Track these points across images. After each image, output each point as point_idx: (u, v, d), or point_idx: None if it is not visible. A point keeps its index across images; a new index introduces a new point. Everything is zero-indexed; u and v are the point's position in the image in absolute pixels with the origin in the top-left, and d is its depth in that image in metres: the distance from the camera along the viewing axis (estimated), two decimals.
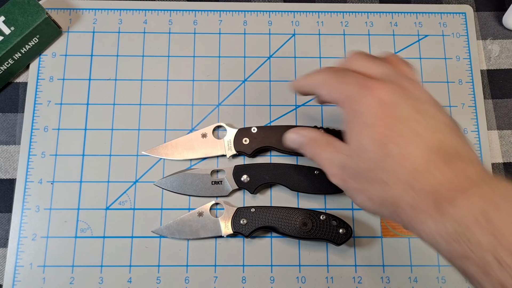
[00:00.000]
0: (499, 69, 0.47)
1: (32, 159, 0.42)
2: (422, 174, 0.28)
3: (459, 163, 0.28)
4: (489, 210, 0.25)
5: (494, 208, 0.25)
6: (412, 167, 0.28)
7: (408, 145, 0.28)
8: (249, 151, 0.42)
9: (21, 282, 0.40)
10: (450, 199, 0.26)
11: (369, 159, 0.30)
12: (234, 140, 0.42)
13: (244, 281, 0.40)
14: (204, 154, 0.42)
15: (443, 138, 0.29)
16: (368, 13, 0.48)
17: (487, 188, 0.26)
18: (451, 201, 0.26)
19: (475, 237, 0.25)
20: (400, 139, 0.29)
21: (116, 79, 0.45)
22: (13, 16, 0.42)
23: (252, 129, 0.42)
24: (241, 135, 0.42)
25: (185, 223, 0.41)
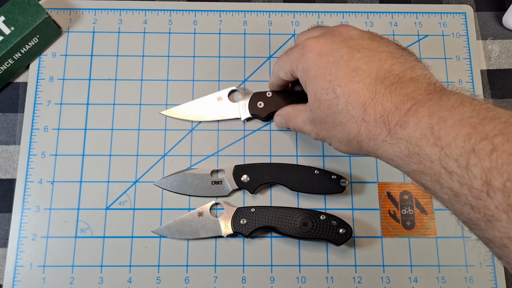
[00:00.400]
0: (499, 69, 0.47)
1: (32, 159, 0.42)
2: (370, 105, 0.30)
3: (405, 87, 0.29)
4: (435, 124, 0.26)
5: (439, 122, 0.26)
6: (360, 102, 0.30)
7: (351, 83, 0.30)
8: (263, 114, 0.43)
9: (21, 282, 0.40)
10: (400, 122, 0.28)
11: (325, 107, 0.32)
12: (249, 103, 0.43)
13: (244, 281, 0.40)
14: (220, 117, 0.44)
15: (386, 66, 0.31)
16: (368, 13, 0.48)
17: (434, 104, 0.27)
18: (401, 124, 0.28)
19: (424, 152, 0.27)
20: (344, 79, 0.31)
21: (116, 79, 0.45)
22: (13, 16, 0.42)
23: (267, 93, 0.43)
24: (256, 99, 0.43)
25: (185, 223, 0.41)
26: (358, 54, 0.31)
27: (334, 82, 0.31)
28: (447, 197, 0.27)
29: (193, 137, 0.44)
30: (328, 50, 0.32)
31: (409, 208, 0.42)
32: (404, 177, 0.43)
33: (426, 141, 0.27)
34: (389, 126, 0.29)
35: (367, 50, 0.32)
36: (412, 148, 0.27)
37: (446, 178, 0.26)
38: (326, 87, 0.32)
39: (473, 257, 0.41)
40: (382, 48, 0.32)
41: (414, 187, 0.43)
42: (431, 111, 0.27)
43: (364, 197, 0.42)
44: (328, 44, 0.33)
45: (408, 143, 0.28)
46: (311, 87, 0.33)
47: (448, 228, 0.42)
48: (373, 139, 0.30)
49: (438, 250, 0.41)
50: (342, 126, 0.31)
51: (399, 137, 0.28)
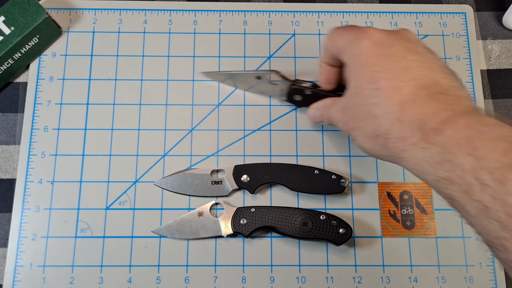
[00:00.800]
0: (499, 69, 0.47)
1: (32, 159, 0.42)
2: (409, 106, 0.29)
3: (447, 98, 0.29)
4: (472, 136, 0.26)
5: (476, 134, 0.26)
6: (400, 100, 0.30)
7: (397, 79, 0.30)
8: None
9: (21, 282, 0.40)
10: (435, 128, 0.28)
11: (363, 95, 0.31)
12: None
13: (244, 281, 0.40)
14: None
15: (434, 77, 0.30)
16: (368, 13, 0.48)
17: (472, 119, 0.27)
18: (436, 130, 0.27)
19: (457, 159, 0.26)
20: (391, 74, 0.30)
21: (116, 79, 0.45)
22: (13, 16, 0.42)
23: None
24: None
25: (185, 223, 0.41)
26: (412, 56, 0.31)
27: (381, 74, 0.31)
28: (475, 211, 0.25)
29: (193, 137, 0.44)
30: (385, 43, 0.32)
31: (409, 208, 0.42)
32: (404, 177, 0.43)
33: (461, 150, 0.26)
34: (424, 130, 0.28)
35: (421, 56, 0.31)
36: (445, 155, 0.27)
37: (478, 190, 0.25)
38: (371, 77, 0.31)
39: (473, 257, 0.41)
40: (436, 61, 0.32)
41: (414, 187, 0.43)
42: (469, 124, 0.27)
43: (364, 197, 0.42)
44: (386, 37, 0.32)
45: (441, 149, 0.27)
46: (356, 73, 0.33)
47: (448, 228, 0.42)
48: (403, 140, 0.29)
49: (438, 250, 0.41)
50: (374, 119, 0.31)
51: (432, 141, 0.27)
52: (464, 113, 0.28)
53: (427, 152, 0.28)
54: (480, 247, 0.41)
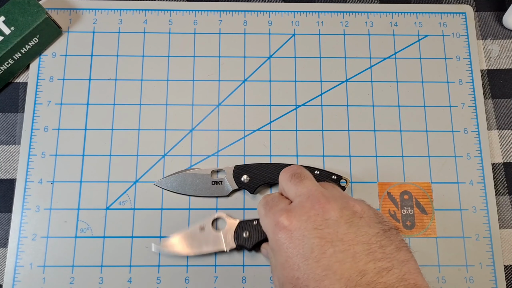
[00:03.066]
0: (499, 69, 0.47)
1: (32, 159, 0.42)
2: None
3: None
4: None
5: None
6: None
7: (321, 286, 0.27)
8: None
9: (21, 282, 0.40)
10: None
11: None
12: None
13: (244, 281, 0.40)
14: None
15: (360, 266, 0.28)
16: (368, 13, 0.48)
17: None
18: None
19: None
20: (313, 282, 0.28)
21: (116, 79, 0.45)
22: (13, 16, 0.42)
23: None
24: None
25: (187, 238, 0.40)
26: (330, 249, 0.28)
27: (301, 281, 0.28)
28: None
29: (193, 137, 0.44)
30: (299, 237, 0.29)
31: (409, 208, 0.42)
32: (404, 177, 0.43)
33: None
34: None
35: (342, 243, 0.28)
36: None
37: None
38: (292, 283, 0.29)
39: (473, 257, 0.41)
40: (360, 237, 0.29)
41: (414, 187, 0.43)
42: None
43: (364, 197, 0.42)
44: (300, 229, 0.29)
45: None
46: (280, 268, 0.30)
47: (448, 228, 0.42)
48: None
49: (438, 250, 0.41)
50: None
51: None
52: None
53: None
54: (480, 247, 0.41)
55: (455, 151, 0.44)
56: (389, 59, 0.46)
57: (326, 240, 0.29)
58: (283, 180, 0.35)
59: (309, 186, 0.33)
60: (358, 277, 0.27)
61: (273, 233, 0.31)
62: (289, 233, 0.30)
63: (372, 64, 0.46)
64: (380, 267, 0.28)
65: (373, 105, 0.45)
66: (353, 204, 0.31)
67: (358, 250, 0.28)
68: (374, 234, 0.29)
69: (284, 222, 0.31)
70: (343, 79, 0.46)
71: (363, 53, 0.46)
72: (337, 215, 0.30)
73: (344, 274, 0.27)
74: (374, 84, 0.46)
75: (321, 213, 0.30)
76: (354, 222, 0.30)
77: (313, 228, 0.29)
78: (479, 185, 0.43)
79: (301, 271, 0.28)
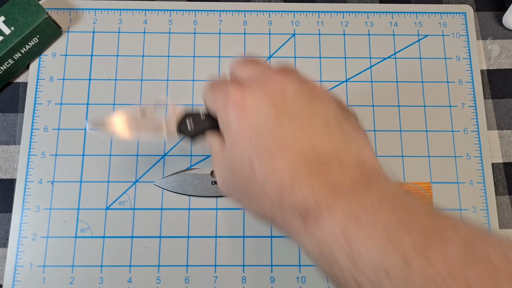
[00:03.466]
0: (499, 69, 0.47)
1: (32, 159, 0.42)
2: (288, 190, 0.25)
3: (330, 170, 0.25)
4: (349, 227, 0.23)
5: (354, 224, 0.23)
6: (279, 183, 0.25)
7: (273, 159, 0.25)
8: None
9: (21, 282, 0.40)
10: (315, 216, 0.24)
11: (240, 176, 0.27)
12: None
13: (244, 281, 0.40)
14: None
15: (316, 141, 0.26)
16: (368, 13, 0.48)
17: (353, 199, 0.24)
18: (316, 218, 0.24)
19: (337, 260, 0.23)
20: (264, 155, 0.26)
21: (116, 79, 0.45)
22: (13, 16, 0.42)
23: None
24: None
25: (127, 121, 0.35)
26: (286, 122, 0.26)
27: (253, 155, 0.26)
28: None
29: None
30: (253, 111, 0.26)
31: None
32: (404, 177, 0.43)
33: (339, 247, 0.23)
34: (306, 218, 0.24)
35: (298, 117, 0.26)
36: (325, 251, 0.24)
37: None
38: (244, 158, 0.26)
39: None
40: (318, 113, 0.27)
41: (414, 187, 0.43)
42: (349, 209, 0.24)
43: None
44: (254, 103, 0.27)
45: (322, 243, 0.24)
46: (229, 148, 0.28)
47: None
48: (288, 228, 0.26)
49: None
50: (254, 200, 0.27)
51: (313, 234, 0.24)
52: (346, 191, 0.24)
53: (310, 245, 0.25)
54: None
55: (455, 151, 0.44)
56: (389, 59, 0.46)
57: (282, 114, 0.26)
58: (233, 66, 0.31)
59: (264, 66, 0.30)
60: (312, 149, 0.26)
61: (224, 108, 0.28)
62: (242, 108, 0.27)
63: (372, 64, 0.46)
64: (337, 144, 0.26)
65: (373, 105, 0.45)
66: (313, 84, 0.29)
67: (316, 125, 0.26)
68: (333, 112, 0.27)
69: (236, 96, 0.27)
70: (343, 79, 0.46)
71: (363, 53, 0.46)
72: (296, 91, 0.27)
73: (298, 147, 0.26)
74: (374, 84, 0.46)
75: (278, 88, 0.27)
76: (313, 100, 0.27)
77: (269, 101, 0.27)
78: (479, 185, 0.43)
79: (253, 144, 0.26)
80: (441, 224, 0.22)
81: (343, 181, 0.25)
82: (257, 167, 0.26)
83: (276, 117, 0.26)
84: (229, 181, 0.29)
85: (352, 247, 0.22)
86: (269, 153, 0.26)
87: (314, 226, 0.24)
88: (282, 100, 0.27)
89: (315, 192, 0.24)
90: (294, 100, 0.27)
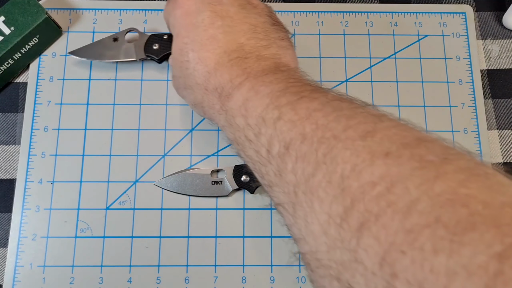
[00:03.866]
0: (499, 69, 0.47)
1: (32, 159, 0.42)
2: (213, 75, 0.30)
3: (247, 62, 0.30)
4: (249, 96, 0.28)
5: (253, 93, 0.28)
6: (206, 70, 0.31)
7: (203, 50, 0.31)
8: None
9: (21, 282, 0.40)
10: (228, 93, 0.29)
11: (179, 67, 0.33)
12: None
13: (244, 281, 0.40)
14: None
15: (242, 40, 0.31)
16: (368, 13, 0.48)
17: (260, 78, 0.29)
18: (228, 95, 0.29)
19: (236, 122, 0.28)
20: (198, 45, 0.31)
21: (116, 79, 0.45)
22: (13, 16, 0.42)
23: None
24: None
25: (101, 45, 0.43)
26: (219, 21, 0.31)
27: (189, 46, 0.32)
28: (250, 165, 0.29)
29: (193, 137, 0.44)
30: (194, 10, 0.32)
31: None
32: None
33: (239, 113, 0.28)
34: (222, 97, 0.30)
35: (231, 20, 0.32)
36: (230, 119, 0.29)
37: (247, 146, 0.28)
38: (182, 49, 0.32)
39: None
40: (248, 19, 0.32)
41: None
42: (253, 85, 0.28)
43: None
44: (196, 5, 0.32)
45: (229, 114, 0.29)
46: (173, 43, 0.34)
47: None
48: (211, 108, 0.32)
49: None
50: (190, 90, 0.33)
51: (225, 108, 0.30)
52: (256, 75, 0.29)
53: (222, 118, 0.30)
54: None
55: None
56: (389, 59, 0.46)
57: (217, 14, 0.32)
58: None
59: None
60: (237, 45, 0.31)
61: (173, 11, 0.34)
62: (185, 9, 0.32)
63: (372, 64, 0.46)
64: (260, 44, 0.31)
65: (373, 105, 0.45)
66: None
67: (244, 28, 0.31)
68: (263, 22, 0.32)
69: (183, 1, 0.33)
70: (343, 79, 0.46)
71: (363, 53, 0.46)
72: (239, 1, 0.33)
73: (226, 43, 0.31)
74: (374, 84, 0.46)
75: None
76: (246, 7, 0.33)
77: (208, 3, 0.32)
78: None
79: (190, 37, 0.32)
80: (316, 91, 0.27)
81: (256, 68, 0.30)
82: (191, 57, 0.31)
83: (211, 17, 0.31)
84: (175, 75, 0.35)
85: (247, 109, 0.28)
86: (201, 45, 0.31)
87: (226, 102, 0.30)
88: (219, 4, 0.32)
89: (232, 75, 0.30)
90: (229, 5, 0.32)
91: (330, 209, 0.22)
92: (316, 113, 0.25)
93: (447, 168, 0.20)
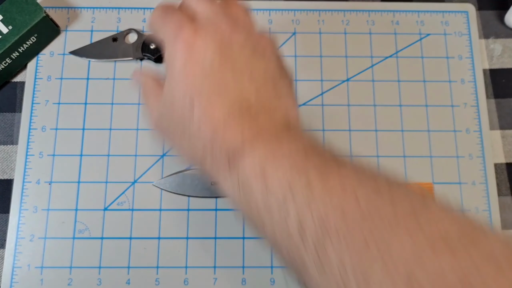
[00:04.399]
0: (502, 69, 0.47)
1: (29, 159, 0.42)
2: (220, 132, 0.27)
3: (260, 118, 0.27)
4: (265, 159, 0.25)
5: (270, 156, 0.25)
6: (213, 126, 0.27)
7: (212, 101, 0.27)
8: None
9: (18, 283, 0.39)
10: (239, 154, 0.26)
11: (179, 112, 0.28)
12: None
13: (244, 282, 0.40)
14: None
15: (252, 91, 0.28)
16: (370, 12, 0.47)
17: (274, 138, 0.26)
18: (240, 156, 0.26)
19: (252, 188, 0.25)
20: (206, 95, 0.28)
21: (115, 78, 0.45)
22: (10, 15, 0.42)
23: None
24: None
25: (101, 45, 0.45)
26: (229, 68, 0.28)
27: (195, 94, 0.28)
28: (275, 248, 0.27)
29: None
30: (201, 53, 0.28)
31: None
32: (406, 177, 0.43)
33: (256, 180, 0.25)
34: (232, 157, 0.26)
35: (240, 67, 0.28)
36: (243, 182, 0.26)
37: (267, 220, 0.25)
38: (185, 95, 0.28)
39: None
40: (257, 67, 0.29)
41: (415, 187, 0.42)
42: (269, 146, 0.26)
43: None
44: (204, 45, 0.28)
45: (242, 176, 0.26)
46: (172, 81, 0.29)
47: None
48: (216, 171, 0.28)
49: None
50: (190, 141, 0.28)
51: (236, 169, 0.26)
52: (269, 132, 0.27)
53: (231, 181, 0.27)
54: None
55: (457, 151, 0.43)
56: (390, 58, 0.46)
57: (226, 61, 0.28)
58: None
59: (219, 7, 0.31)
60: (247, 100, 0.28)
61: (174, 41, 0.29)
62: (191, 47, 0.28)
63: (373, 63, 0.46)
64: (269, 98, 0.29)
65: (374, 104, 0.44)
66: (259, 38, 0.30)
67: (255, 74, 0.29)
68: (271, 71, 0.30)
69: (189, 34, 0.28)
70: (344, 78, 0.45)
71: (364, 52, 0.46)
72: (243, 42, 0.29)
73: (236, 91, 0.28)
74: (375, 83, 0.45)
75: (228, 36, 0.29)
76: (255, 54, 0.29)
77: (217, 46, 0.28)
78: (482, 185, 0.42)
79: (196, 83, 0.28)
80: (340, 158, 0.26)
81: (269, 127, 0.27)
82: (197, 106, 0.27)
83: (221, 62, 0.28)
84: (165, 116, 0.30)
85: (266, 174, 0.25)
86: (209, 95, 0.27)
87: (237, 163, 0.26)
88: (229, 48, 0.28)
89: (243, 133, 0.27)
90: (239, 50, 0.29)
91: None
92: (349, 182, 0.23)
93: None
